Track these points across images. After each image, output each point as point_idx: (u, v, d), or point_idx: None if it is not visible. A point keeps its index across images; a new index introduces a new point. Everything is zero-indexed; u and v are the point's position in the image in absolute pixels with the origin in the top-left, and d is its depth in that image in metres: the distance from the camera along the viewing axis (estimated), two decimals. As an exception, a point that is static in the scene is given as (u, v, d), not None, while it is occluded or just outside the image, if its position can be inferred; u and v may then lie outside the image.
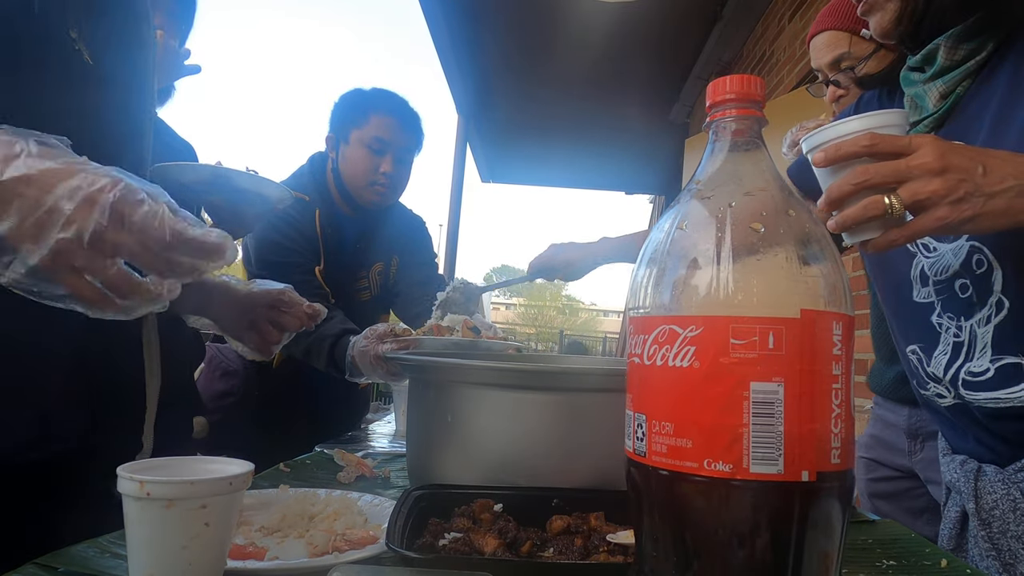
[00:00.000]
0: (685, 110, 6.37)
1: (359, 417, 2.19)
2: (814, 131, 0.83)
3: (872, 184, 0.75)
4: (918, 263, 0.99)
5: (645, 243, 0.56)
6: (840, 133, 0.80)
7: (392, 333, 1.56)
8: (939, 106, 0.96)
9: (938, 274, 0.96)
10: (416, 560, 0.60)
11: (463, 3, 4.85)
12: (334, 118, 1.94)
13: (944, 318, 0.96)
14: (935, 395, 1.00)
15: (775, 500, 0.48)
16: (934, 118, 0.96)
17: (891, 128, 0.79)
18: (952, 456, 1.04)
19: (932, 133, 0.96)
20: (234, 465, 0.58)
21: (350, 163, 1.88)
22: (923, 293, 0.99)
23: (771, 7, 4.52)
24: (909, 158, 0.74)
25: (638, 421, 0.53)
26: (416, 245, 2.12)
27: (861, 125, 0.79)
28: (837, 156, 0.78)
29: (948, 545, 1.03)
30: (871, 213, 0.76)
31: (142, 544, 0.53)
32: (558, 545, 0.69)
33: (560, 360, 1.54)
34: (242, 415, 1.90)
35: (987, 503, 0.95)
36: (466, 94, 6.21)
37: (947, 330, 0.95)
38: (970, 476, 0.97)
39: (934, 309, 0.97)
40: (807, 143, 0.85)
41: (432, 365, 0.92)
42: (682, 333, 0.50)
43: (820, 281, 0.50)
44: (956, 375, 0.94)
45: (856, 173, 0.76)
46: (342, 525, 0.79)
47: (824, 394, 0.49)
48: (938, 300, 0.96)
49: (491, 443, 0.84)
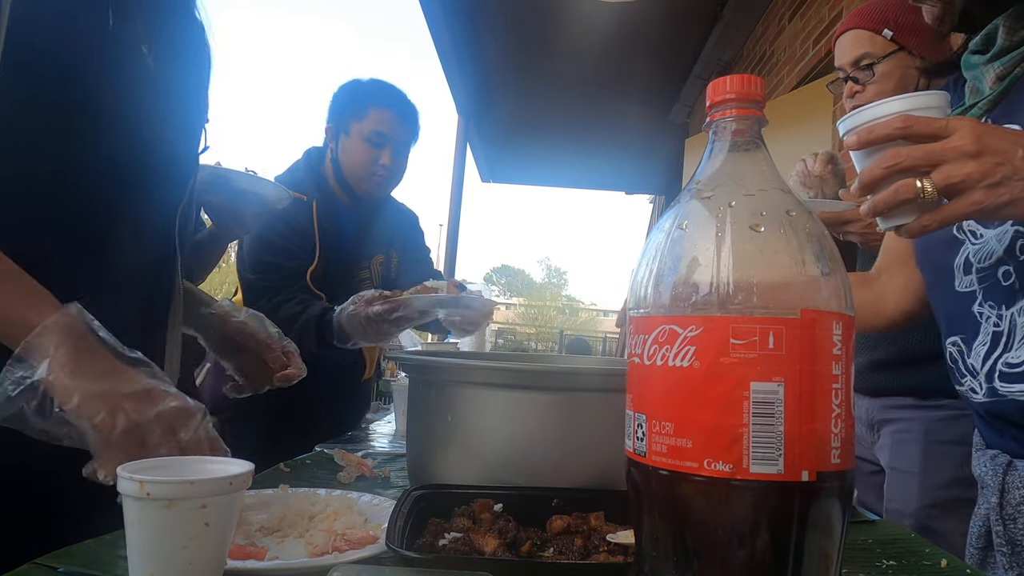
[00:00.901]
0: (685, 110, 6.37)
1: (360, 416, 2.19)
2: (852, 112, 0.80)
3: (903, 167, 0.73)
4: (964, 251, 0.95)
5: (645, 243, 0.56)
6: (877, 115, 0.77)
7: (381, 296, 1.58)
8: (995, 88, 0.92)
9: (981, 261, 0.92)
10: (416, 560, 0.60)
11: (463, 3, 4.85)
12: (333, 109, 1.95)
13: (985, 307, 0.92)
14: (969, 390, 0.97)
15: (775, 500, 0.48)
16: (988, 100, 0.92)
17: (930, 110, 0.76)
18: (985, 451, 1.01)
19: (982, 116, 0.93)
20: (234, 465, 0.58)
21: (350, 154, 1.90)
22: (965, 282, 0.95)
23: (771, 7, 4.52)
24: (944, 140, 0.72)
25: (638, 421, 0.53)
26: (412, 240, 2.15)
27: (899, 107, 0.76)
28: (869, 139, 0.76)
29: (977, 544, 1.00)
30: (902, 197, 0.73)
31: (142, 544, 0.53)
32: (558, 545, 0.69)
33: (560, 360, 1.54)
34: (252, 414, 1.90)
35: (1014, 498, 0.92)
36: (466, 94, 6.21)
37: (987, 319, 0.92)
38: (999, 470, 0.94)
39: (975, 298, 0.94)
40: (843, 125, 0.82)
41: (432, 365, 0.92)
42: (682, 333, 0.50)
43: (820, 281, 0.50)
44: (993, 367, 0.91)
45: (887, 156, 0.74)
46: (342, 525, 0.79)
47: (824, 394, 0.49)
48: (980, 289, 0.93)
49: (491, 443, 0.84)
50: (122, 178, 0.87)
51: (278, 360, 1.20)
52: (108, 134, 0.84)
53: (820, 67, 3.67)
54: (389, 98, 1.92)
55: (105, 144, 0.84)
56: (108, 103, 0.83)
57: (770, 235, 0.50)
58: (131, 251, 0.91)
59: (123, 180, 0.88)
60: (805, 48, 3.88)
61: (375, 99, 1.91)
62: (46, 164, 0.80)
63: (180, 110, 0.97)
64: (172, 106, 0.94)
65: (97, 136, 0.83)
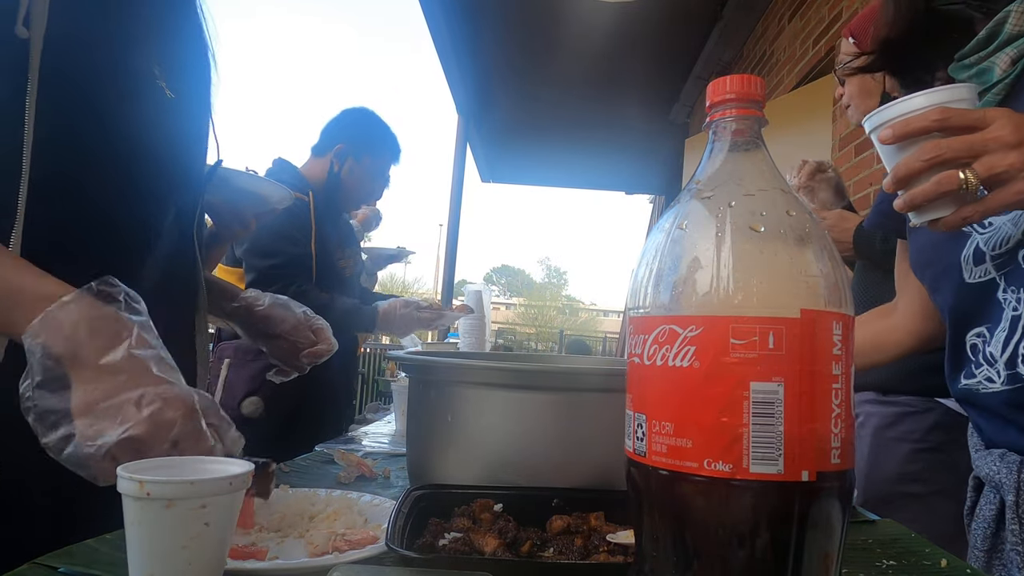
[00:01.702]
0: (685, 110, 6.37)
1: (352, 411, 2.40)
2: (878, 109, 0.80)
3: (945, 159, 0.72)
4: (972, 243, 0.95)
5: (645, 243, 0.56)
6: (906, 109, 0.76)
7: (429, 305, 2.22)
8: (1009, 71, 0.91)
9: (996, 248, 0.92)
10: (416, 560, 0.60)
11: (463, 3, 4.85)
12: (350, 133, 2.24)
13: (1008, 292, 0.91)
14: (984, 379, 0.95)
15: (775, 500, 0.48)
16: (1004, 84, 0.92)
17: (960, 103, 0.76)
18: (988, 451, 1.00)
19: (1003, 103, 0.92)
20: (234, 465, 0.58)
21: (355, 178, 2.23)
22: (978, 272, 0.95)
23: (771, 7, 4.52)
24: (984, 132, 0.71)
25: (638, 421, 0.53)
26: (356, 239, 2.60)
27: (927, 101, 0.76)
28: (906, 132, 0.75)
29: (983, 546, 0.99)
30: (944, 189, 0.72)
31: (142, 544, 0.53)
32: (558, 545, 0.69)
33: (560, 360, 1.54)
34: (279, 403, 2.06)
35: None
36: (466, 94, 6.21)
37: (1009, 304, 0.91)
38: (1012, 468, 0.93)
39: (998, 285, 0.93)
40: (870, 122, 0.81)
41: (432, 365, 0.92)
42: (682, 333, 0.50)
43: (820, 281, 0.50)
44: (1015, 352, 0.90)
45: (927, 148, 0.73)
46: (342, 525, 0.79)
47: (824, 394, 0.49)
48: (1000, 275, 0.92)
49: (491, 443, 0.84)
50: (139, 194, 0.91)
51: (307, 338, 1.24)
52: (125, 159, 0.87)
53: (820, 67, 3.67)
54: (398, 150, 2.32)
55: (122, 166, 0.87)
56: (123, 130, 0.86)
57: (770, 235, 0.50)
58: (157, 263, 0.95)
59: (140, 196, 0.91)
60: (805, 48, 3.88)
61: (395, 155, 2.31)
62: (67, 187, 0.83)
63: (191, 126, 1.00)
64: (183, 124, 0.97)
65: (114, 160, 0.86)
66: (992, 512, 0.98)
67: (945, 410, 1.57)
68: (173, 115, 0.94)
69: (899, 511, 1.44)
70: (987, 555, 0.98)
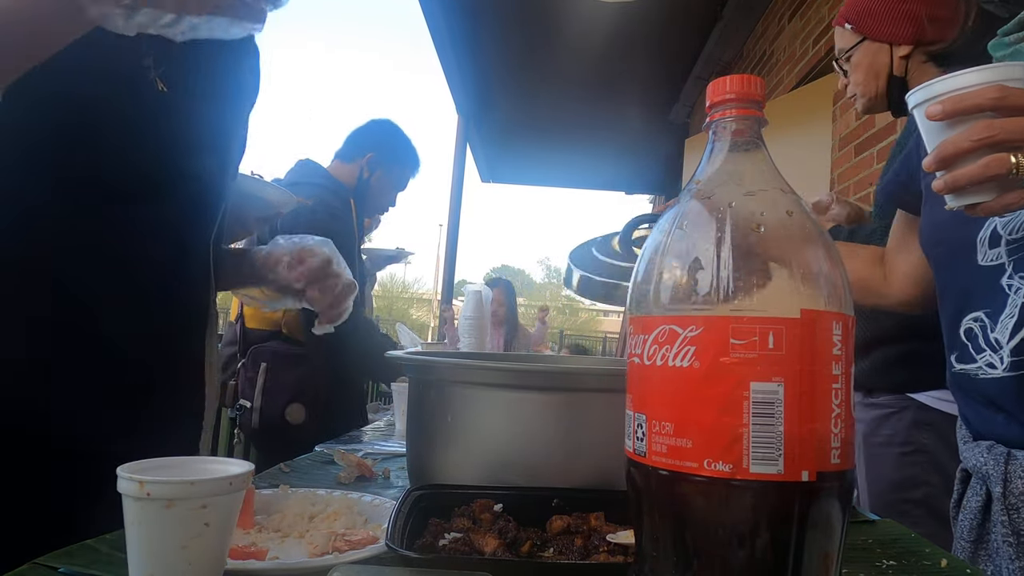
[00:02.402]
0: (685, 110, 6.37)
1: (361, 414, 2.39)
2: (924, 84, 0.76)
3: (997, 141, 0.68)
4: (991, 224, 0.93)
5: (645, 243, 0.56)
6: (957, 86, 0.72)
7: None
8: None
9: (1013, 232, 0.90)
10: (416, 560, 0.60)
11: (463, 3, 4.85)
12: (384, 147, 2.36)
13: (1016, 279, 0.90)
14: (985, 365, 0.94)
15: (775, 500, 0.48)
16: None
17: (1015, 83, 0.71)
18: (976, 443, 1.00)
19: None
20: (234, 465, 0.58)
21: (379, 189, 2.37)
22: (991, 255, 0.93)
23: (771, 7, 4.52)
24: None
25: (638, 421, 0.53)
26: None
27: (980, 78, 0.72)
28: (958, 108, 0.71)
29: (969, 537, 0.99)
30: (992, 172, 0.69)
31: (142, 544, 0.53)
32: (558, 545, 0.69)
33: (560, 360, 1.54)
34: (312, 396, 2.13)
35: (1017, 487, 0.91)
36: (466, 94, 6.21)
37: (1017, 291, 0.90)
38: (999, 460, 0.93)
39: (1004, 271, 0.92)
40: (914, 96, 0.77)
41: (432, 365, 0.92)
42: (682, 333, 0.50)
43: (820, 281, 0.50)
44: (1022, 341, 0.89)
45: (978, 128, 0.69)
46: (342, 525, 0.79)
47: (824, 394, 0.49)
48: (1010, 260, 0.91)
49: (491, 443, 0.84)
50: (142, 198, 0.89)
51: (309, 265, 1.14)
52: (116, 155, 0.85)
53: (820, 67, 3.67)
54: (419, 164, 2.46)
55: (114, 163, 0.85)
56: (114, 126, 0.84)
57: (770, 235, 0.50)
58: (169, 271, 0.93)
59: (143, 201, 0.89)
60: (805, 48, 3.88)
61: (415, 166, 2.45)
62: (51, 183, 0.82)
63: (192, 122, 0.96)
64: (194, 130, 0.95)
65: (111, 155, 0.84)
66: (979, 503, 0.98)
67: (918, 405, 1.55)
68: (174, 119, 0.91)
69: (908, 518, 1.43)
70: (973, 546, 0.98)
